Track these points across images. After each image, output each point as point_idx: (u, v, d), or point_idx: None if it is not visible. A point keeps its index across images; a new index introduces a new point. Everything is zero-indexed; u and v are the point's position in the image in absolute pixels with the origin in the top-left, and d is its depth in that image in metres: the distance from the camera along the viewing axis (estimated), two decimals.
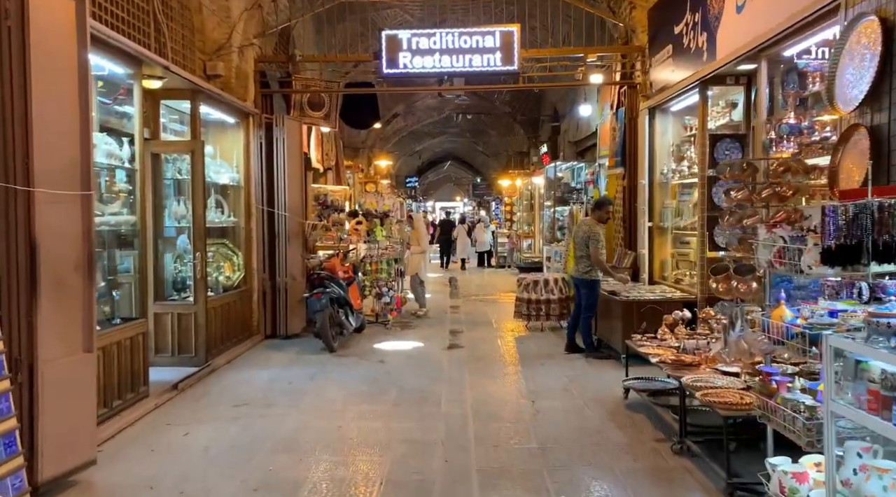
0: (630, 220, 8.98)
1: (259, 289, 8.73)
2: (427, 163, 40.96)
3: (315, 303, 7.80)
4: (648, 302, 7.13)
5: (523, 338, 8.92)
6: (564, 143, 15.00)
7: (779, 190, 3.70)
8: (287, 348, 8.23)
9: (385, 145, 25.15)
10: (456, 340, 8.80)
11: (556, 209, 13.18)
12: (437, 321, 10.36)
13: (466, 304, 12.47)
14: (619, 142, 9.22)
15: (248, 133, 8.58)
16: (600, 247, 7.59)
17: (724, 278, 4.29)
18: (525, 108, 19.23)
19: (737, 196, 4.09)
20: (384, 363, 7.42)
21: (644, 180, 8.53)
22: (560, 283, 9.31)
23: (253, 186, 8.63)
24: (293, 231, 8.95)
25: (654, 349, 5.38)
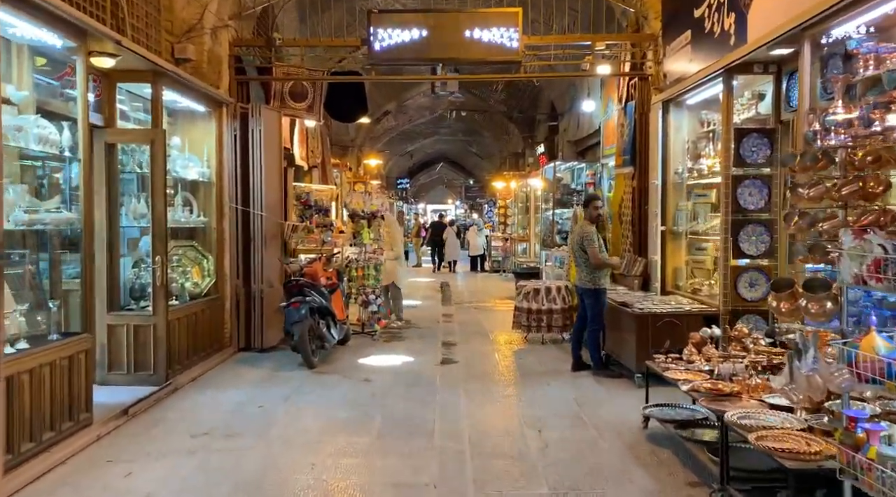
0: (640, 224, 8.23)
1: (232, 296, 7.90)
2: (419, 164, 40.19)
3: (293, 313, 6.99)
4: (665, 315, 6.37)
5: (523, 351, 8.14)
6: (563, 143, 14.26)
7: (866, 186, 2.94)
8: (262, 363, 7.40)
9: (375, 144, 24.35)
10: (449, 354, 8.01)
11: (555, 212, 12.42)
12: (428, 331, 9.57)
13: (460, 312, 11.68)
14: (628, 139, 8.47)
15: (221, 124, 7.76)
16: (597, 246, 6.85)
17: (788, 296, 3.52)
18: (521, 105, 18.50)
19: (809, 193, 3.32)
20: (369, 382, 6.61)
21: (657, 180, 7.78)
22: (563, 291, 8.54)
23: (226, 183, 7.81)
24: (271, 233, 8.13)
25: (683, 373, 4.61)
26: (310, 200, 9.31)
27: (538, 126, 18.94)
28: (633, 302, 6.80)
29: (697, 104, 7.52)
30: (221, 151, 7.76)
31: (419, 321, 10.55)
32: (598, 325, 6.88)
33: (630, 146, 8.39)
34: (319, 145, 13.55)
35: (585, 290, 6.89)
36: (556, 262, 10.53)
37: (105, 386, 6.01)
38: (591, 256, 6.77)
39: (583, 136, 12.93)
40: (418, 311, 11.67)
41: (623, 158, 8.68)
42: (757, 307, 6.17)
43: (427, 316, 11.16)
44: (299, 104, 9.06)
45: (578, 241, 6.89)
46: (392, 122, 24.34)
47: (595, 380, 6.67)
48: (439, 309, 12.10)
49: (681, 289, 7.51)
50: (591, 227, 6.93)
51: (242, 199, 7.96)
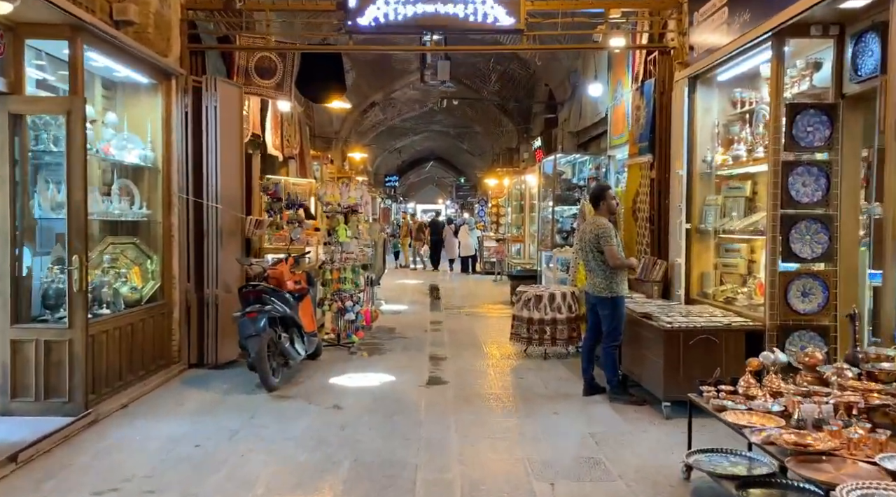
0: (660, 221, 7.11)
1: (182, 304, 6.70)
2: (408, 163, 39.02)
3: (248, 325, 5.80)
4: (699, 331, 5.25)
5: (523, 369, 6.99)
6: (563, 135, 13.15)
7: None
8: (213, 383, 6.21)
9: (362, 139, 23.16)
10: (438, 371, 6.85)
11: (555, 209, 11.28)
12: (414, 342, 8.40)
13: (450, 319, 10.52)
14: (646, 122, 7.35)
15: (170, 99, 6.56)
16: (616, 244, 5.72)
17: None
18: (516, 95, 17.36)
19: None
20: (339, 410, 5.43)
21: (681, 170, 6.66)
22: (569, 298, 7.41)
23: (175, 169, 6.61)
24: (229, 228, 6.94)
25: (746, 416, 3.48)
26: (279, 192, 8.11)
27: (534, 119, 17.82)
28: (658, 313, 5.67)
29: (730, 81, 6.42)
30: (170, 132, 6.56)
31: (405, 329, 9.38)
32: (616, 340, 5.74)
33: (648, 131, 7.27)
34: (297, 134, 12.37)
35: (601, 300, 5.75)
36: (559, 265, 9.39)
37: (6, 417, 4.81)
38: (610, 257, 5.64)
39: (586, 126, 11.81)
40: (404, 318, 10.50)
41: (639, 146, 7.55)
42: (812, 321, 5.08)
43: (413, 323, 9.99)
44: (266, 81, 7.88)
45: (592, 239, 5.76)
46: (380, 115, 23.17)
47: (612, 407, 5.54)
48: (427, 315, 10.93)
49: (709, 297, 6.39)
50: (606, 221, 5.80)
51: (195, 189, 6.76)
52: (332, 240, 7.69)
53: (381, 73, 17.54)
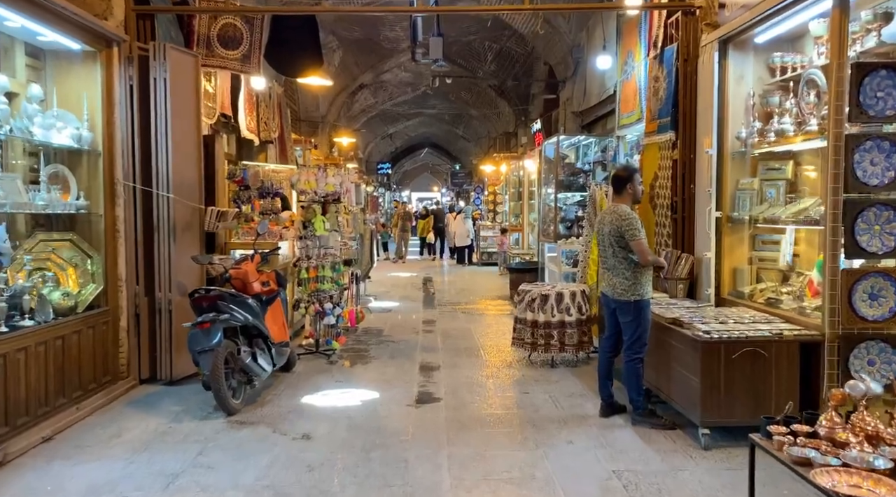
0: (684, 209, 6.17)
1: (129, 310, 5.74)
2: (402, 150, 37.96)
3: (199, 338, 4.86)
4: (744, 342, 4.32)
5: (528, 380, 6.06)
6: (565, 116, 12.17)
7: None
8: (163, 405, 5.27)
9: (352, 124, 22.11)
10: (429, 384, 5.92)
11: (558, 196, 10.34)
12: (403, 347, 7.47)
13: (444, 318, 9.60)
14: (667, 95, 6.38)
15: (111, 70, 5.56)
16: (643, 237, 4.77)
17: None
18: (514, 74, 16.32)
19: None
20: (309, 441, 4.50)
21: (710, 149, 5.70)
22: (580, 298, 6.48)
23: (119, 153, 5.62)
24: (184, 222, 5.97)
25: (843, 475, 2.55)
26: (246, 179, 7.13)
27: (533, 101, 16.82)
28: (689, 319, 4.74)
29: (769, 43, 5.46)
30: (111, 109, 5.57)
31: (394, 331, 8.45)
32: (640, 352, 4.81)
33: (669, 106, 6.30)
34: (276, 117, 11.37)
35: (622, 304, 4.80)
36: (564, 259, 8.45)
37: None
38: (639, 253, 4.69)
39: (591, 105, 10.83)
40: (394, 318, 9.57)
41: (658, 123, 6.59)
42: (882, 330, 4.17)
43: (404, 323, 9.06)
44: (231, 52, 6.87)
45: (612, 231, 4.80)
46: (371, 98, 22.12)
47: (637, 433, 4.62)
48: (420, 313, 10.00)
49: (744, 297, 5.46)
50: (629, 210, 4.84)
51: (143, 176, 5.78)
52: (307, 233, 6.73)
53: (369, 51, 16.50)
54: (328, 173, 6.71)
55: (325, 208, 6.77)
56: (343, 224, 6.89)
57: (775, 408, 4.28)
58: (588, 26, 10.32)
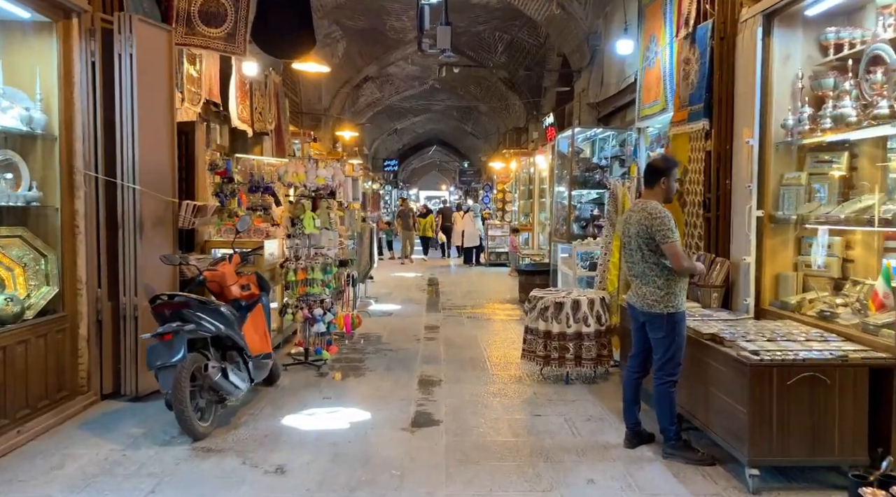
0: (719, 207, 5.45)
1: (90, 316, 5.09)
2: (410, 147, 37.32)
3: (160, 352, 4.20)
4: (802, 365, 3.61)
5: (541, 400, 5.36)
6: (580, 108, 11.44)
7: None
8: (122, 426, 4.61)
9: (357, 118, 21.45)
10: (428, 403, 5.23)
11: (572, 193, 9.62)
12: (402, 357, 6.79)
13: (448, 323, 8.91)
14: (700, 79, 5.66)
15: (69, 44, 4.91)
16: (678, 239, 4.05)
17: None
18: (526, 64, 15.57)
19: None
20: (283, 476, 3.83)
21: (751, 139, 4.98)
22: (598, 306, 5.77)
23: (79, 138, 4.97)
24: (154, 217, 5.31)
25: None
26: (230, 171, 6.47)
27: (545, 94, 16.09)
28: (731, 334, 4.04)
29: (821, 17, 4.75)
30: (70, 88, 4.91)
31: (393, 338, 7.78)
32: (674, 374, 4.10)
33: (702, 90, 5.58)
34: (273, 107, 10.75)
35: (653, 318, 4.09)
36: (580, 261, 7.74)
37: None
38: (673, 257, 3.98)
39: (608, 96, 10.10)
40: (394, 322, 8.90)
41: (689, 110, 5.87)
42: None
43: (405, 329, 8.38)
44: (214, 30, 6.21)
45: (642, 232, 4.09)
46: (376, 92, 21.47)
47: (669, 469, 3.92)
48: (422, 318, 9.32)
49: (789, 309, 4.74)
50: (662, 207, 4.13)
51: (106, 165, 5.13)
52: (296, 231, 6.05)
53: (374, 42, 15.83)
54: (319, 165, 6.03)
55: (315, 204, 6.10)
56: (336, 221, 6.21)
57: (839, 445, 3.58)
58: (606, 11, 9.61)
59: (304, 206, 5.98)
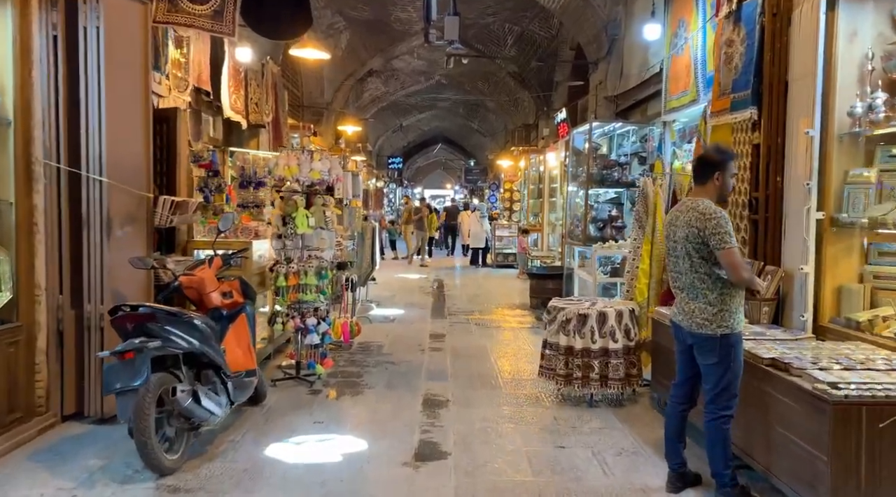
0: (768, 208, 4.77)
1: (50, 326, 4.45)
2: (415, 145, 36.67)
3: (118, 373, 3.55)
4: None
5: (563, 426, 4.70)
6: (596, 102, 10.77)
7: None
8: (79, 456, 3.97)
9: (362, 114, 20.80)
10: (434, 430, 4.58)
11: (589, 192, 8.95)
12: (405, 371, 6.15)
13: (455, 330, 8.26)
14: (746, 62, 4.99)
15: (27, 18, 4.27)
16: (736, 245, 3.37)
17: None
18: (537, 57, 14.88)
19: None
20: None
21: (811, 130, 4.31)
22: (627, 319, 5.11)
23: (37, 124, 4.33)
24: (125, 214, 4.67)
25: None
26: (215, 163, 5.83)
27: (556, 89, 15.42)
28: (798, 360, 3.38)
29: None
30: (27, 67, 4.27)
31: (395, 348, 7.13)
32: (730, 406, 3.42)
33: (750, 74, 4.90)
34: (270, 98, 10.13)
35: (705, 340, 3.42)
36: (600, 266, 7.08)
37: None
38: (731, 267, 3.30)
39: (629, 88, 9.43)
40: (397, 329, 8.25)
41: (732, 98, 5.18)
42: None
43: (408, 337, 7.73)
44: (200, 6, 5.56)
45: (692, 236, 3.40)
46: (381, 87, 20.82)
47: None
48: (426, 324, 8.67)
49: (856, 327, 4.06)
50: (715, 206, 3.45)
51: (70, 155, 4.49)
52: (287, 231, 5.41)
53: (378, 33, 15.18)
54: (314, 158, 5.38)
55: (309, 201, 5.45)
56: (332, 220, 5.56)
57: None
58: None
59: (297, 203, 5.34)
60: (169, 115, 5.60)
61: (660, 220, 5.40)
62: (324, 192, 5.68)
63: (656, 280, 5.37)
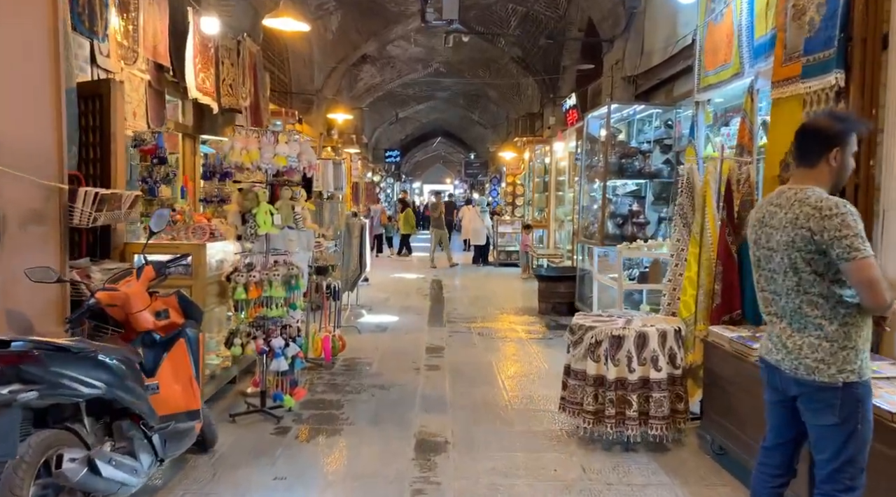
0: (858, 202, 3.70)
1: None
2: (413, 138, 35.59)
3: None
4: None
5: (596, 486, 3.63)
6: (613, 84, 9.69)
7: None
8: None
9: (357, 104, 19.71)
10: (428, 488, 3.53)
11: (607, 185, 7.89)
12: (395, 397, 5.11)
13: (455, 342, 7.22)
14: (827, 16, 3.91)
15: None
16: (871, 253, 2.27)
17: None
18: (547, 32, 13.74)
19: None
20: None
21: None
22: (672, 341, 4.06)
23: None
24: (27, 210, 3.60)
25: None
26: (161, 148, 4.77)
27: (564, 74, 14.33)
28: None
29: None
30: None
31: (385, 366, 6.09)
32: (855, 484, 2.37)
33: (833, 30, 3.83)
34: (248, 81, 9.07)
35: (819, 390, 2.36)
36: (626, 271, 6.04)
37: None
38: (866, 286, 2.23)
39: (652, 66, 8.35)
40: (389, 341, 7.20)
41: (805, 61, 4.10)
42: None
43: (401, 352, 6.68)
44: None
45: (801, 242, 2.32)
46: (377, 76, 19.73)
47: None
48: (423, 335, 7.61)
49: None
50: (835, 198, 2.39)
51: None
52: (248, 231, 4.34)
53: (372, 15, 14.08)
54: (280, 140, 4.32)
55: (274, 194, 4.39)
56: (305, 217, 4.50)
57: None
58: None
59: (259, 196, 4.28)
60: (100, 90, 4.53)
61: (710, 217, 4.34)
62: (296, 184, 4.61)
63: (705, 292, 4.31)
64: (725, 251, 4.21)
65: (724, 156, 4.68)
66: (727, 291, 4.18)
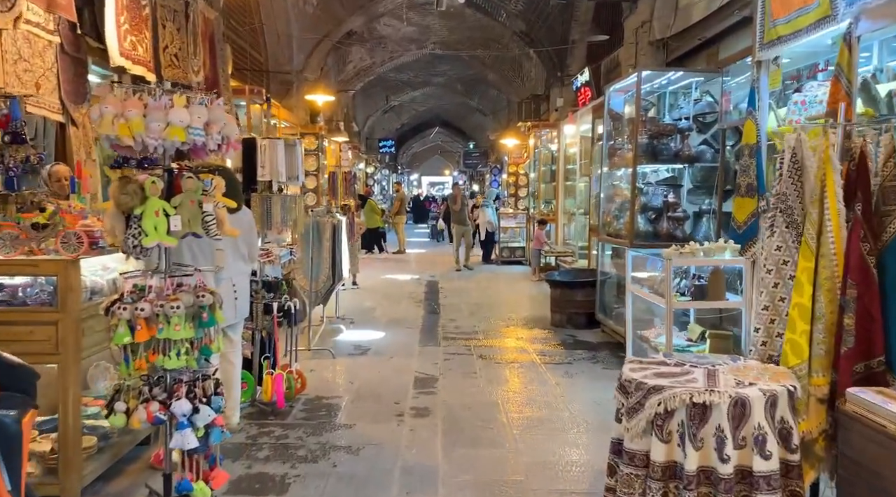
0: None
1: None
2: (409, 128, 34.02)
3: None
4: None
5: None
6: (637, 51, 8.16)
7: None
8: None
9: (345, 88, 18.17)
10: None
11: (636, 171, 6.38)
12: (363, 473, 3.64)
13: (450, 370, 5.74)
14: None
15: None
16: None
17: None
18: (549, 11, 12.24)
19: None
20: None
21: None
22: (783, 408, 2.57)
23: None
24: None
25: None
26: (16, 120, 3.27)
27: (573, 50, 12.80)
28: None
29: None
30: None
31: (358, 411, 4.61)
32: None
33: None
34: (202, 52, 7.57)
35: None
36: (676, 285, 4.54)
37: None
38: None
39: (689, 25, 6.83)
40: (368, 368, 5.72)
41: None
42: None
43: (381, 385, 5.20)
44: None
45: None
46: (367, 58, 18.19)
47: None
48: (412, 358, 6.13)
49: None
50: None
51: None
52: (129, 242, 2.86)
53: None
54: (176, 102, 2.81)
55: (173, 186, 2.91)
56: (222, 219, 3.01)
57: None
58: None
59: (144, 188, 2.81)
60: None
61: (833, 213, 2.85)
62: (211, 170, 3.12)
63: (826, 327, 2.83)
64: (860, 265, 2.73)
65: (798, 130, 3.16)
66: (864, 326, 2.70)
